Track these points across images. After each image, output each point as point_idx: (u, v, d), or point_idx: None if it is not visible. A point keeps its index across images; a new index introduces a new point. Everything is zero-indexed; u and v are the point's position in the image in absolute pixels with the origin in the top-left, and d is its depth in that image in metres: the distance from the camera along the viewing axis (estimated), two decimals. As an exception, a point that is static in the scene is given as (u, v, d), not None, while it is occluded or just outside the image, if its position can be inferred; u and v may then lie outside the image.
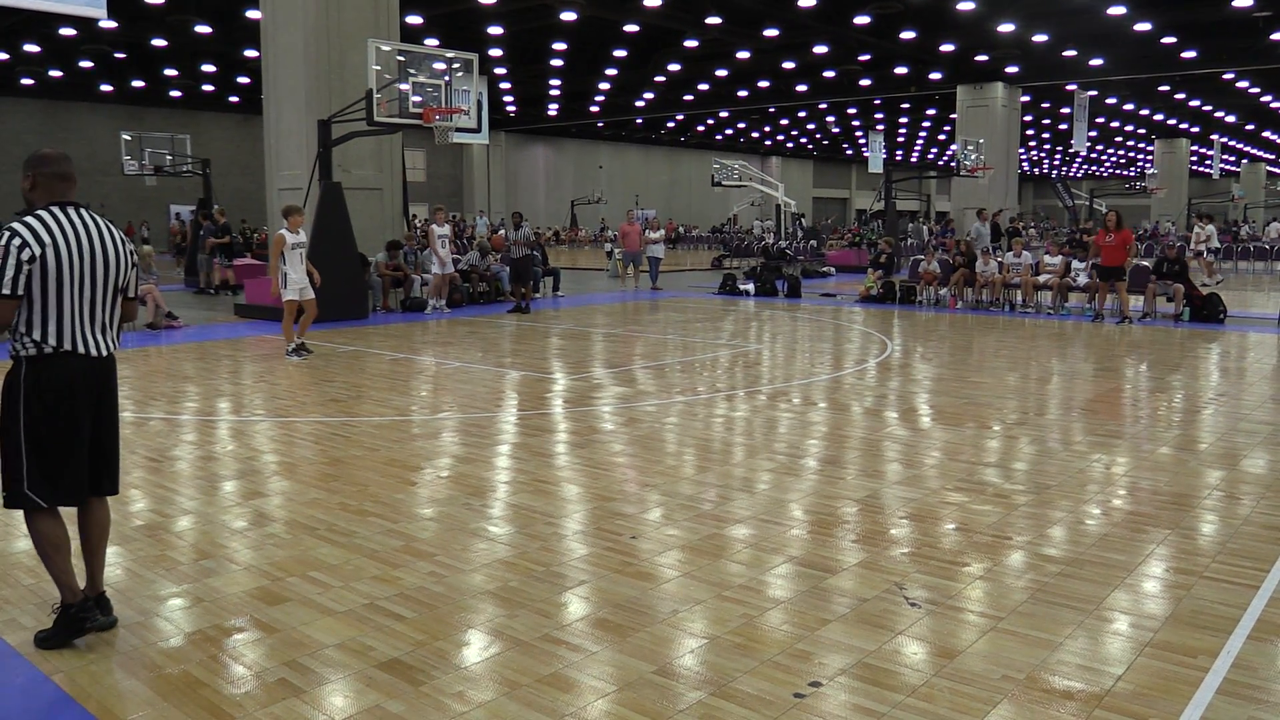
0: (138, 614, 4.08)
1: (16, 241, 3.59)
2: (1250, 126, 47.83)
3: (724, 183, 35.44)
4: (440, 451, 7.00)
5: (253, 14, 20.51)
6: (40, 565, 4.65)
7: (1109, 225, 15.44)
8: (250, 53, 26.62)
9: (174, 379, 10.11)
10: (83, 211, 3.78)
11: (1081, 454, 6.82)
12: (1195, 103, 39.97)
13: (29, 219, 3.65)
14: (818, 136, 58.37)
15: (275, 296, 11.31)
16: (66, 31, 25.94)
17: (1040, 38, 27.35)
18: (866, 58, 30.76)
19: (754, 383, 10.00)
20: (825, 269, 27.54)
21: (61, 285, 3.66)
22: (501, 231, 18.77)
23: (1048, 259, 17.80)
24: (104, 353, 3.82)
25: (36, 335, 3.66)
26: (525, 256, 16.95)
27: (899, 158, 67.10)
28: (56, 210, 3.71)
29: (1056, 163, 71.33)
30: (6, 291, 3.59)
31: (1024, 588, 4.35)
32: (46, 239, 3.63)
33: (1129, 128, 49.36)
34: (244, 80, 33.63)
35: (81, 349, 3.73)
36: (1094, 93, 34.28)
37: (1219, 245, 27.34)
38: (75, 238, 3.70)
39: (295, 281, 11.19)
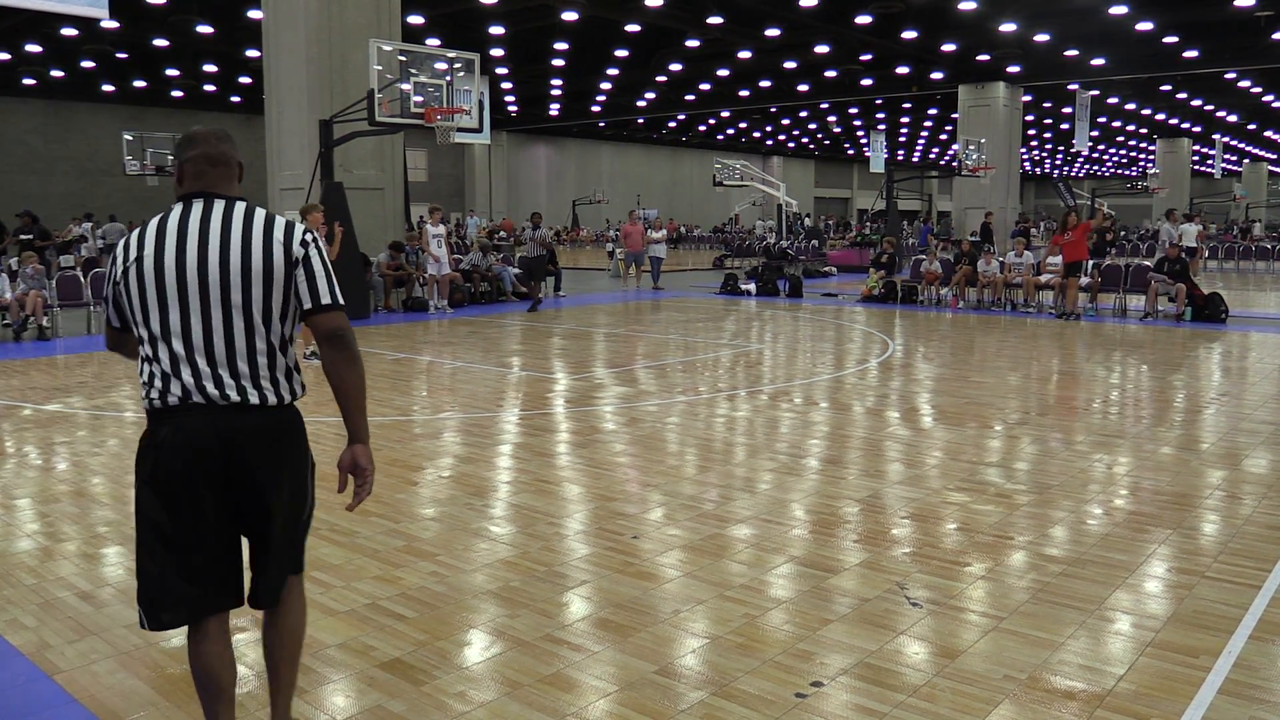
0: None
1: (115, 254, 2.78)
2: (1252, 126, 47.79)
3: (725, 183, 35.43)
4: (442, 451, 7.00)
5: (254, 14, 20.53)
6: (42, 565, 4.67)
7: (1069, 224, 16.20)
8: (252, 53, 26.65)
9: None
10: (217, 203, 2.74)
11: (1083, 454, 6.82)
12: (1197, 102, 39.94)
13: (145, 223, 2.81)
14: (819, 136, 58.36)
15: None
16: (68, 31, 25.96)
17: (1042, 37, 27.33)
18: (868, 57, 30.75)
19: (755, 382, 10.00)
20: (827, 269, 27.54)
21: (161, 305, 2.66)
22: (523, 229, 19.12)
23: (1050, 259, 17.79)
24: (237, 397, 2.65)
25: (144, 378, 2.70)
26: (539, 256, 17.19)
27: (900, 157, 67.08)
28: (179, 205, 2.77)
29: (1058, 162, 71.31)
30: (114, 323, 2.86)
31: (1025, 588, 4.35)
32: (144, 248, 2.70)
33: (1131, 127, 49.34)
34: (245, 80, 33.66)
35: (198, 395, 2.63)
36: (1096, 92, 34.25)
37: (1195, 245, 27.23)
38: (180, 240, 2.68)
39: None
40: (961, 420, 7.93)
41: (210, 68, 31.94)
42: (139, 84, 34.74)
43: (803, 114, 46.74)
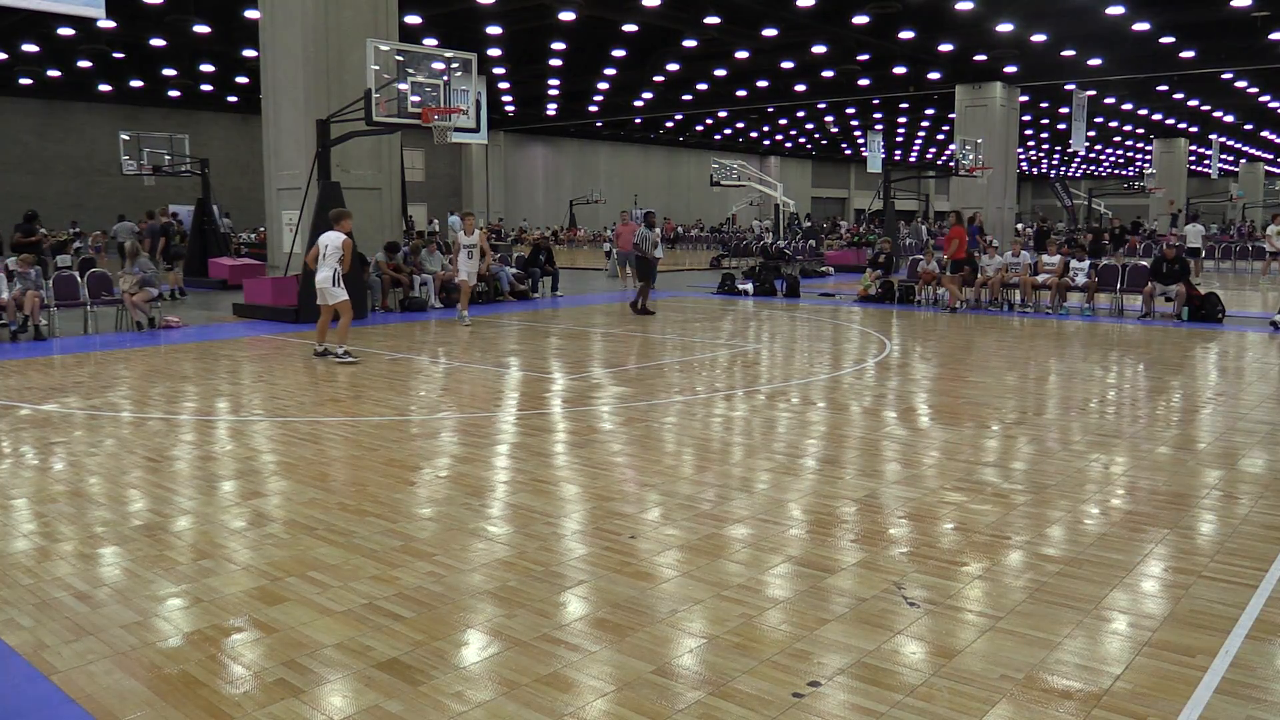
0: (136, 614, 4.08)
1: None
2: (1248, 126, 47.89)
3: (723, 182, 35.45)
4: (439, 451, 7.00)
5: (251, 14, 20.52)
6: (39, 565, 4.66)
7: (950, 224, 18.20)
8: (249, 52, 26.65)
9: (173, 379, 10.10)
10: None
11: (1080, 453, 6.83)
12: (1193, 102, 40.01)
13: None
14: (816, 136, 58.40)
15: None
16: (65, 31, 25.95)
17: (1039, 37, 27.37)
18: (865, 57, 30.78)
19: (753, 382, 10.00)
20: (824, 269, 27.54)
21: None
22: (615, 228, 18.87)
23: (1046, 259, 17.82)
24: None
25: None
26: (654, 258, 16.63)
27: (898, 157, 67.13)
28: None
29: (1055, 162, 71.39)
30: None
31: (1023, 587, 4.35)
32: None
33: (1127, 127, 49.42)
34: (243, 80, 33.65)
35: None
36: (1092, 92, 34.30)
37: (1198, 246, 27.15)
38: None
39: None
40: (958, 420, 7.93)
41: (207, 67, 31.94)
42: (136, 84, 34.71)
43: (800, 114, 46.77)
